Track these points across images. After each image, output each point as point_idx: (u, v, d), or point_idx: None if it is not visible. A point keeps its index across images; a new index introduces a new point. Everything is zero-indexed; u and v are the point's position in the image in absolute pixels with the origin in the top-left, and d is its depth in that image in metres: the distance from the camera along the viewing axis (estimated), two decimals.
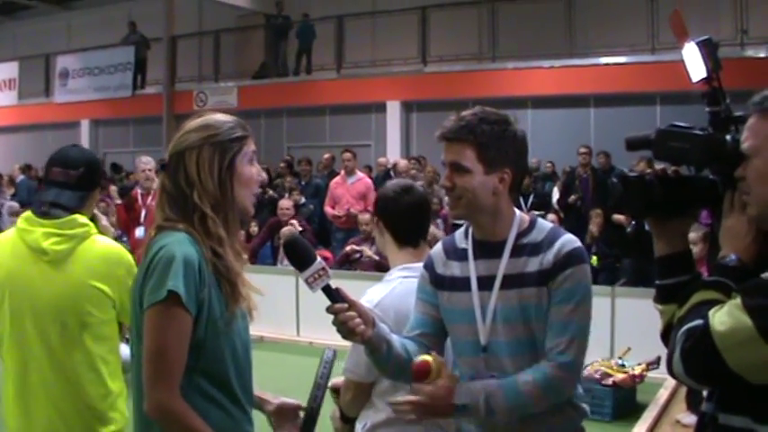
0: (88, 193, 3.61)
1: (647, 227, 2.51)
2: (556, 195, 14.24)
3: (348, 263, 10.96)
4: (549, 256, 2.89)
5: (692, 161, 2.40)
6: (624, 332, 8.80)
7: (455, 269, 3.04)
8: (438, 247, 3.17)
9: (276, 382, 3.67)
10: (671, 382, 7.35)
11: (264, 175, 2.84)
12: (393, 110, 20.11)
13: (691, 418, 6.45)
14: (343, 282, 9.85)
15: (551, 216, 12.17)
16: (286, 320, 10.79)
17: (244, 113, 13.78)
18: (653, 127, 2.52)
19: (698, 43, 2.58)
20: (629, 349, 8.07)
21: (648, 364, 7.71)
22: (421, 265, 3.31)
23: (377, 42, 20.89)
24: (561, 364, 2.85)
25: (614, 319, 9.10)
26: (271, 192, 15.24)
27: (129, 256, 3.54)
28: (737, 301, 2.06)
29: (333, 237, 13.26)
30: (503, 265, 2.93)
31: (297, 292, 10.59)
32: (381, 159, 15.76)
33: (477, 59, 19.78)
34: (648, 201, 2.44)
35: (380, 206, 3.63)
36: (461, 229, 3.13)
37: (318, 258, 2.70)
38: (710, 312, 2.10)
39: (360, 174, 13.57)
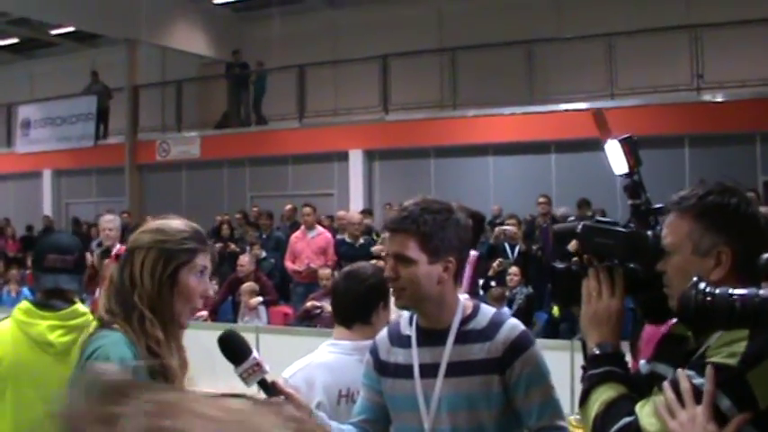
0: (82, 277, 3.77)
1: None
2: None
3: (308, 318, 10.93)
4: (496, 344, 2.95)
5: (617, 256, 2.44)
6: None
7: (399, 356, 3.08)
8: (383, 333, 3.23)
9: None
10: None
11: (211, 292, 2.87)
12: (355, 158, 20.11)
13: None
14: (303, 338, 9.77)
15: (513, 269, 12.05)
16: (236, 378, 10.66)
17: (206, 163, 13.93)
18: (612, 172, 2.60)
19: (620, 141, 2.67)
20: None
21: None
22: (350, 342, 3.54)
23: (338, 91, 20.96)
24: None
25: (573, 373, 9.08)
26: (232, 245, 15.20)
27: None
28: (662, 399, 2.11)
29: (293, 291, 13.16)
30: (447, 353, 2.96)
31: (258, 348, 10.52)
32: (340, 213, 15.68)
33: (439, 107, 19.88)
34: (577, 291, 2.48)
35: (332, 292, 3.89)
36: (405, 316, 3.18)
37: (253, 353, 2.70)
38: (638, 411, 2.17)
39: (320, 228, 13.56)
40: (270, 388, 2.72)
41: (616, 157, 2.67)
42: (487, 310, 3.08)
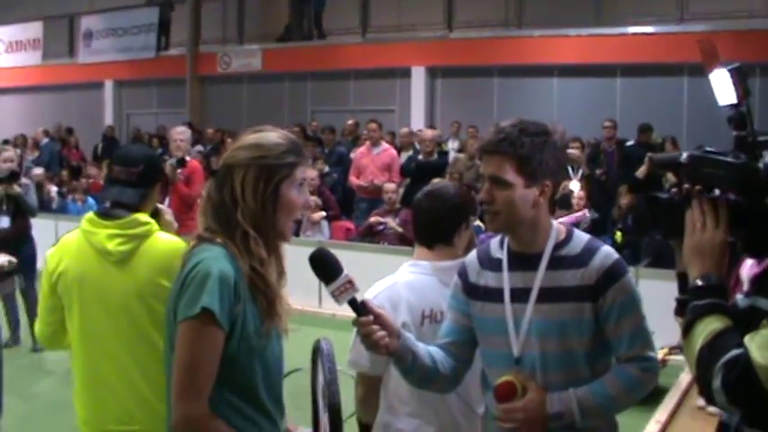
0: (148, 189, 3.70)
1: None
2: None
3: (371, 234, 10.96)
4: (590, 271, 2.91)
5: (726, 187, 2.38)
6: (647, 315, 8.72)
7: (489, 279, 3.05)
8: (472, 255, 3.19)
9: (295, 355, 3.71)
10: None
11: (312, 203, 2.85)
12: (418, 75, 19.91)
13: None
14: (366, 255, 9.92)
15: (576, 185, 11.92)
16: (308, 292, 10.75)
17: (268, 76, 13.88)
18: (679, 99, 2.58)
19: (730, 70, 2.59)
20: (652, 333, 8.02)
21: (671, 349, 7.67)
22: (431, 263, 3.48)
23: (401, 6, 20.64)
24: (646, 367, 2.96)
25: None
26: None
27: None
28: None
29: (356, 206, 13.18)
30: (539, 278, 2.93)
31: None
32: (404, 130, 15.50)
33: (504, 26, 19.53)
34: (680, 222, 2.43)
35: (412, 209, 3.75)
36: (497, 239, 3.14)
37: (344, 272, 2.69)
38: (746, 343, 2.14)
39: (385, 145, 13.50)
40: (360, 307, 2.72)
41: (723, 87, 2.59)
42: (581, 236, 3.04)
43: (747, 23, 17.02)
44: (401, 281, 3.53)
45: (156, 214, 3.80)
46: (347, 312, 2.75)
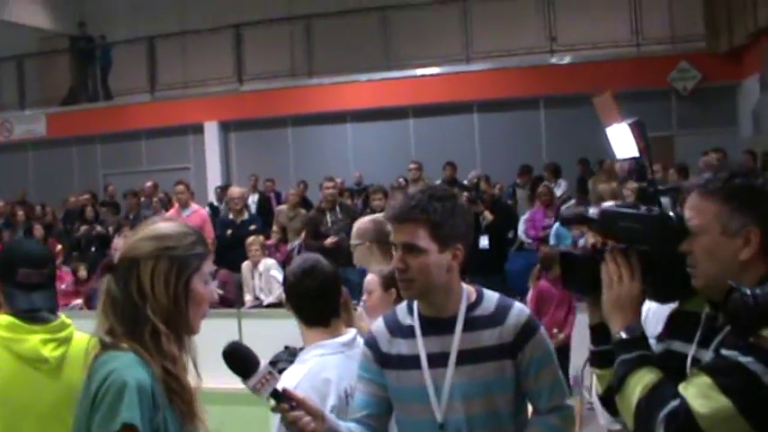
0: (54, 289, 3.50)
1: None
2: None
3: None
4: (507, 329, 2.96)
5: (642, 240, 2.48)
6: None
7: (402, 347, 3.03)
8: (380, 324, 3.16)
9: None
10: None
11: (216, 297, 2.62)
12: (211, 131, 19.73)
13: None
14: None
15: None
16: None
17: (54, 142, 13.21)
18: (470, 135, 2.65)
19: (630, 124, 2.69)
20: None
21: None
22: (335, 340, 3.41)
23: (190, 62, 20.42)
24: (566, 416, 3.05)
25: None
26: (99, 227, 14.66)
27: None
28: (707, 380, 2.20)
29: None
30: (456, 341, 2.94)
31: None
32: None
33: (294, 76, 19.63)
34: (596, 277, 2.51)
35: (285, 288, 3.58)
36: (403, 305, 3.14)
37: (263, 362, 2.60)
38: (682, 392, 2.23)
39: (194, 206, 13.08)
40: (281, 396, 2.63)
41: (622, 141, 2.71)
42: (491, 295, 3.07)
43: (528, 60, 17.74)
44: (315, 366, 3.38)
45: None
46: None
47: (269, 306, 11.03)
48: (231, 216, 12.61)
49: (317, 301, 3.46)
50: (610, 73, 16.80)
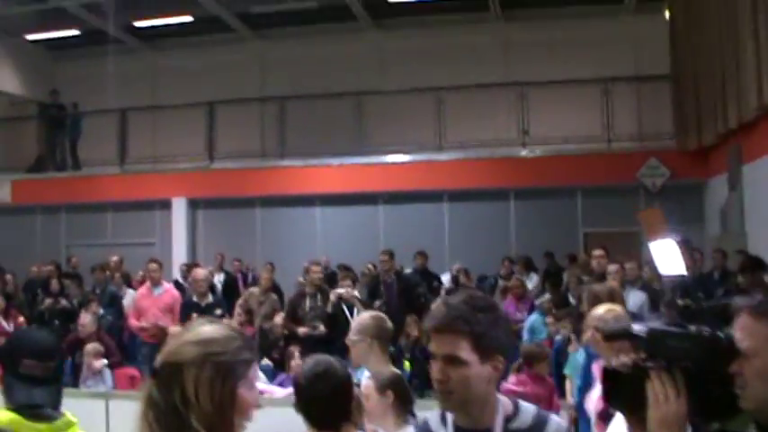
0: (60, 385, 3.28)
1: None
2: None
3: None
4: None
5: (695, 359, 2.45)
6: None
7: None
8: None
9: None
10: None
11: (260, 403, 2.50)
12: (179, 207, 19.57)
13: None
14: None
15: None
16: None
17: (17, 209, 13.03)
18: (440, 224, 2.62)
19: (679, 242, 2.65)
20: None
21: None
22: None
23: (161, 137, 20.36)
24: None
25: None
26: (64, 301, 14.39)
27: None
28: None
29: (138, 351, 12.37)
30: None
31: (107, 417, 9.71)
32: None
33: (265, 156, 19.60)
34: (640, 396, 2.47)
35: (296, 391, 3.52)
36: (435, 415, 3.02)
37: None
38: None
39: (166, 285, 12.89)
40: None
41: (668, 257, 2.66)
42: (528, 407, 2.98)
43: (498, 152, 17.89)
44: None
45: None
46: None
47: None
48: (195, 298, 12.38)
49: (329, 406, 3.41)
50: (580, 167, 17.02)
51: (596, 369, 6.34)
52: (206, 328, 2.43)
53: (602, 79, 17.57)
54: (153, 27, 21.33)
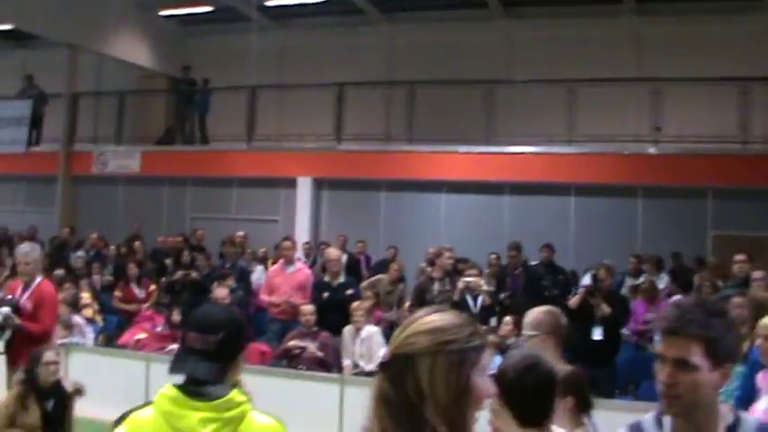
0: (229, 362, 3.16)
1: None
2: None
3: (288, 358, 10.49)
4: None
5: None
6: None
7: None
8: None
9: None
10: None
11: (493, 390, 2.45)
12: (304, 186, 19.69)
13: None
14: (284, 380, 9.33)
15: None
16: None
17: (146, 179, 13.37)
18: (566, 218, 2.51)
19: None
20: None
21: None
22: None
23: (289, 116, 20.58)
24: None
25: None
26: (194, 273, 14.66)
27: None
28: None
29: (268, 327, 12.52)
30: None
31: None
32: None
33: (392, 140, 19.64)
34: None
35: (501, 383, 3.33)
36: (650, 419, 2.98)
37: None
38: None
39: (299, 264, 13.01)
40: None
41: None
42: (749, 419, 2.92)
43: (628, 147, 17.62)
44: None
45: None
46: None
47: (370, 374, 10.71)
48: (327, 278, 12.47)
49: (536, 400, 3.34)
50: (712, 167, 16.67)
51: (764, 379, 6.20)
52: (435, 317, 2.37)
53: (740, 78, 17.14)
54: (283, 6, 21.59)
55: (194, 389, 3.03)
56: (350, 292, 12.19)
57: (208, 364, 3.07)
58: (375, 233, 18.70)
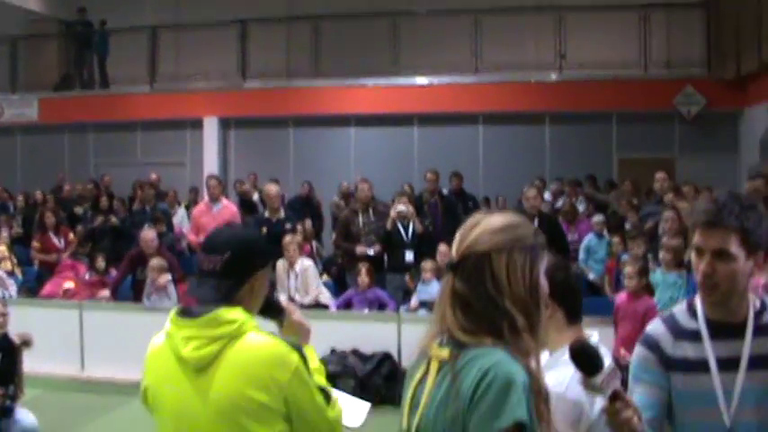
0: (238, 281, 2.98)
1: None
2: None
3: None
4: None
5: None
6: None
7: (687, 350, 3.01)
8: (659, 326, 3.12)
9: None
10: None
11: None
12: (210, 126, 19.42)
13: None
14: None
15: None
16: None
17: (45, 127, 12.99)
18: (474, 146, 2.55)
19: None
20: None
21: None
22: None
23: (191, 55, 20.12)
24: None
25: None
26: (113, 219, 14.40)
27: (297, 356, 2.87)
28: None
29: (197, 267, 12.30)
30: (747, 346, 2.92)
31: None
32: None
33: (299, 76, 19.45)
34: None
35: (555, 282, 3.15)
36: (682, 308, 3.11)
37: (606, 360, 2.55)
38: None
39: (225, 201, 12.80)
40: (617, 394, 2.54)
41: None
42: None
43: (533, 75, 17.81)
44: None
45: (274, 312, 3.21)
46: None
47: (306, 307, 10.65)
48: (267, 214, 12.35)
49: (577, 298, 3.47)
50: (616, 93, 16.99)
51: None
52: (500, 216, 2.45)
53: (639, 5, 17.46)
54: None
55: (189, 309, 2.94)
56: (288, 226, 12.09)
57: (213, 283, 2.96)
58: (285, 170, 18.58)
